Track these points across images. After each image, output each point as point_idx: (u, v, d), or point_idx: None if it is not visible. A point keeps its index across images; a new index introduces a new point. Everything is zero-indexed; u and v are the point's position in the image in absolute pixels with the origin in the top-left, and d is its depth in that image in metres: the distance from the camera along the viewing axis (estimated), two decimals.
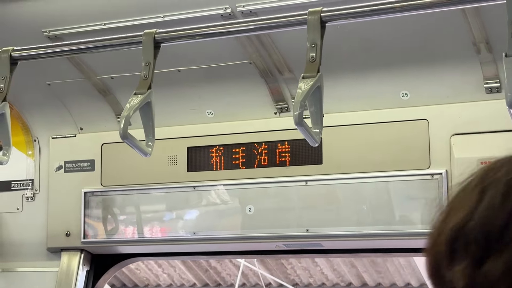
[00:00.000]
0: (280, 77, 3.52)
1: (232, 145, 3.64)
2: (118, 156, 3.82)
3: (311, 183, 3.49)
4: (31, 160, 4.01)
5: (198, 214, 3.67)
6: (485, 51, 3.19)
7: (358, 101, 3.48)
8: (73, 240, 3.85)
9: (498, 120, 3.21)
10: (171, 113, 3.74)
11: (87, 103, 3.84)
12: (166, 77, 3.59)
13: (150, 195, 3.75)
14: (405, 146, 3.37)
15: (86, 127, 3.91)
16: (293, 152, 3.54)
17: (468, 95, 3.32)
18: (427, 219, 3.29)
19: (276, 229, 3.53)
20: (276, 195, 3.55)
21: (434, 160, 3.32)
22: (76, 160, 3.90)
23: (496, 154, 3.43)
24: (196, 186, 3.67)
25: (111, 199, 3.81)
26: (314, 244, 3.54)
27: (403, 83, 3.40)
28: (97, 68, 3.69)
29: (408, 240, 3.38)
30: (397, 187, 3.36)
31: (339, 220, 3.43)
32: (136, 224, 3.76)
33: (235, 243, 3.64)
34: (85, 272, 3.90)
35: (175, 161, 3.72)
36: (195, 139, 3.71)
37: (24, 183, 4.01)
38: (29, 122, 3.99)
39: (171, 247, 3.77)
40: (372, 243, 3.45)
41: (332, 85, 3.45)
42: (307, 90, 2.45)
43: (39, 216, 3.96)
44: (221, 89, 3.64)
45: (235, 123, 3.67)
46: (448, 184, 3.27)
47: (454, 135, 3.30)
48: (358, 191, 3.41)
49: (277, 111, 3.61)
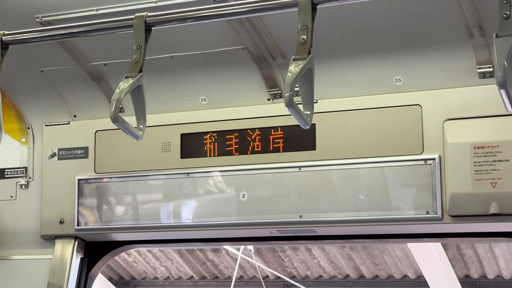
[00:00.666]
0: (273, 63, 3.52)
1: (226, 132, 3.63)
2: (112, 143, 3.82)
3: (305, 169, 3.49)
4: (24, 147, 4.01)
5: (192, 201, 3.66)
6: (478, 36, 3.18)
7: (351, 86, 3.48)
8: (67, 227, 3.85)
9: (491, 105, 3.21)
10: (164, 99, 3.74)
11: (81, 90, 3.84)
12: (160, 64, 3.59)
13: (144, 182, 3.74)
14: (398, 131, 3.37)
15: (80, 114, 3.91)
16: (286, 138, 3.54)
17: (461, 80, 3.31)
18: (420, 204, 3.29)
19: (269, 216, 3.53)
20: (270, 182, 3.54)
21: (427, 146, 3.32)
22: (69, 147, 3.90)
23: (489, 139, 3.46)
24: (190, 173, 3.67)
25: (105, 186, 3.81)
26: (308, 230, 3.54)
27: (396, 68, 3.39)
28: (90, 55, 3.68)
29: (401, 226, 3.38)
30: (390, 172, 3.36)
31: (332, 206, 3.43)
32: (130, 211, 3.75)
33: (228, 230, 3.64)
34: (79, 259, 3.90)
35: (168, 148, 3.72)
36: (189, 125, 3.70)
37: (17, 171, 4.01)
38: (23, 109, 3.98)
39: (165, 234, 3.77)
40: (365, 229, 3.45)
41: (325, 71, 3.45)
42: (298, 72, 2.45)
43: (33, 204, 3.96)
44: (215, 76, 3.64)
45: (229, 109, 3.67)
46: (441, 169, 3.27)
47: (447, 120, 3.30)
48: (351, 177, 3.41)
49: (270, 97, 3.61)
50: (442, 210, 3.26)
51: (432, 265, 8.87)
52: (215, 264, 10.59)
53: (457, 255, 9.24)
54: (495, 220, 3.20)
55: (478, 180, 3.19)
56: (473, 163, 3.21)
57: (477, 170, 3.20)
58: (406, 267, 9.66)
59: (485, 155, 3.20)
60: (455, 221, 3.25)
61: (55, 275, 3.84)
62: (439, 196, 3.26)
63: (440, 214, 3.26)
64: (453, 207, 3.23)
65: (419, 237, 3.51)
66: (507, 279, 9.48)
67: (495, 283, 9.54)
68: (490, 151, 3.20)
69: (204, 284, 10.92)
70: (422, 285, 9.62)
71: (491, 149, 3.20)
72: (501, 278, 9.52)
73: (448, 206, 3.24)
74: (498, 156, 3.18)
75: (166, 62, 3.60)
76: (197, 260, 10.57)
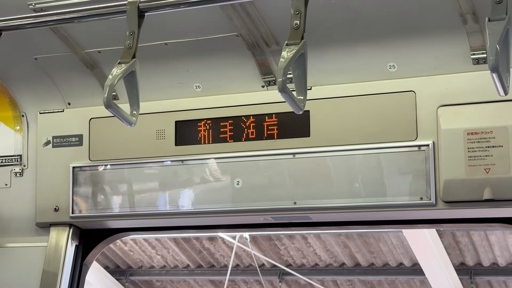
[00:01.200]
0: (267, 49, 3.52)
1: (220, 119, 3.64)
2: (106, 131, 3.82)
3: (299, 156, 3.50)
4: (19, 135, 4.00)
5: (186, 188, 3.66)
6: (471, 22, 3.18)
7: (345, 73, 3.48)
8: (62, 215, 3.85)
9: (485, 91, 3.21)
10: (158, 87, 3.74)
11: (75, 78, 3.83)
12: (153, 51, 3.59)
13: (138, 169, 3.75)
14: (392, 118, 3.37)
15: (74, 102, 3.91)
16: (280, 125, 3.54)
17: (455, 67, 3.32)
18: (414, 190, 3.30)
19: (264, 202, 3.54)
20: (264, 168, 3.55)
21: (421, 132, 3.32)
22: (64, 135, 3.89)
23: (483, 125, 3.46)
24: (184, 160, 3.67)
25: (99, 174, 3.81)
26: (302, 217, 3.55)
27: (390, 55, 3.40)
28: (84, 42, 3.67)
29: (395, 212, 3.39)
30: (384, 159, 3.36)
31: (326, 193, 3.44)
32: (125, 199, 3.76)
33: (223, 217, 3.64)
34: (74, 247, 3.90)
35: (163, 135, 3.72)
36: (183, 113, 3.70)
37: (12, 159, 4.01)
38: (17, 97, 3.98)
39: (159, 221, 3.77)
40: (359, 215, 3.46)
41: (319, 58, 3.45)
42: (291, 57, 2.46)
43: (28, 192, 3.96)
44: (209, 63, 3.63)
45: (223, 96, 3.67)
46: (435, 155, 3.28)
47: (441, 107, 3.30)
48: (345, 163, 3.42)
49: (264, 84, 3.61)
50: (436, 196, 3.27)
51: (427, 253, 8.90)
52: (211, 253, 10.61)
53: (452, 243, 9.27)
54: (489, 206, 3.21)
55: (471, 166, 3.20)
56: (467, 149, 3.21)
57: (470, 156, 3.21)
58: (402, 255, 9.69)
59: (478, 141, 3.21)
60: (449, 207, 3.26)
61: (50, 262, 3.85)
62: (432, 182, 3.26)
63: (434, 200, 3.27)
64: (446, 193, 3.24)
65: (413, 223, 3.52)
66: (502, 266, 9.51)
67: (491, 270, 9.57)
68: (484, 137, 3.20)
69: (200, 272, 10.94)
70: (417, 273, 9.65)
71: (484, 135, 3.20)
72: (496, 265, 9.55)
73: (441, 192, 3.25)
74: (492, 142, 3.19)
75: (160, 49, 3.59)
76: (193, 249, 10.59)
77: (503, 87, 2.35)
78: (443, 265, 9.05)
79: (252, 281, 10.92)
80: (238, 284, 11.07)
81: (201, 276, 10.99)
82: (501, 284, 9.80)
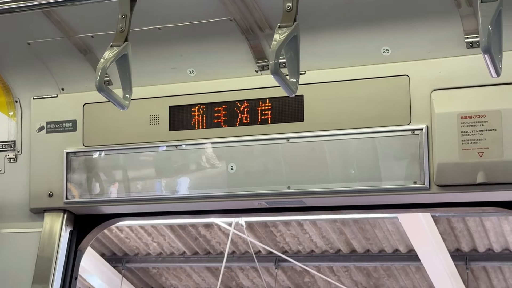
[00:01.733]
0: (261, 34, 3.51)
1: (214, 104, 3.63)
2: (100, 116, 3.81)
3: (293, 141, 3.49)
4: (12, 121, 3.99)
5: (181, 173, 3.66)
6: (465, 5, 3.18)
7: (338, 57, 3.47)
8: (56, 200, 3.85)
9: (479, 74, 3.21)
10: (152, 72, 3.73)
11: (68, 63, 3.82)
12: (147, 35, 3.58)
13: (132, 155, 3.74)
14: (386, 102, 3.37)
15: (68, 88, 3.90)
16: (274, 110, 3.54)
17: (449, 50, 3.31)
18: (408, 174, 3.30)
19: (258, 187, 3.54)
20: (258, 153, 3.55)
21: (415, 116, 3.32)
22: (57, 120, 3.89)
23: (476, 108, 3.46)
24: (178, 145, 3.67)
25: (93, 159, 3.81)
26: (296, 201, 3.55)
27: (384, 39, 3.39)
28: (77, 27, 3.66)
29: (389, 196, 3.39)
30: (378, 143, 3.36)
31: (320, 177, 3.44)
32: (119, 184, 3.76)
33: (217, 202, 3.64)
34: (68, 232, 3.90)
35: (156, 120, 3.72)
36: (177, 98, 3.70)
37: (6, 145, 4.00)
38: (10, 82, 3.97)
39: (154, 206, 3.77)
40: (353, 200, 3.47)
41: (313, 42, 3.44)
42: (283, 40, 2.45)
43: (22, 177, 3.95)
44: (202, 47, 3.62)
45: (217, 81, 3.66)
46: (428, 139, 3.28)
47: (435, 91, 3.30)
48: (339, 147, 3.42)
49: (258, 69, 3.60)
50: (429, 180, 3.27)
51: (423, 239, 8.91)
52: (207, 240, 10.62)
53: (448, 229, 9.29)
54: (482, 190, 3.21)
55: (465, 150, 3.20)
56: (460, 132, 3.22)
57: (464, 139, 3.21)
58: (398, 241, 9.70)
59: (472, 124, 3.21)
60: (443, 190, 3.26)
61: (44, 248, 3.85)
62: (426, 166, 3.26)
63: (428, 184, 3.27)
64: (440, 177, 3.24)
65: (407, 207, 3.52)
66: (497, 252, 9.53)
67: (486, 256, 9.59)
68: (477, 121, 3.20)
69: (196, 259, 10.95)
70: (413, 259, 9.66)
71: (478, 119, 3.20)
72: (491, 251, 9.57)
73: (435, 176, 3.25)
74: (485, 126, 3.19)
75: (153, 34, 3.58)
76: (189, 236, 10.60)
77: (495, 69, 2.34)
78: (438, 251, 9.06)
79: (248, 267, 10.94)
80: (234, 271, 11.09)
81: (197, 263, 11.00)
82: (496, 269, 9.83)
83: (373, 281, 10.58)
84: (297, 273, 10.85)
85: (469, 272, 9.64)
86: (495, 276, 9.91)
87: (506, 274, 9.87)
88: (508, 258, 9.50)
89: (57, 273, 3.82)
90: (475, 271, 9.88)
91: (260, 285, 11.14)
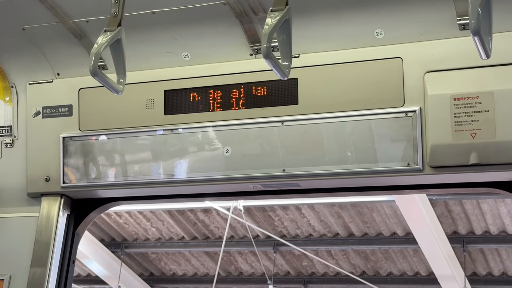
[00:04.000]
0: (254, 17, 3.52)
1: (209, 87, 3.65)
2: (95, 101, 3.83)
3: (287, 124, 3.52)
4: (9, 106, 4.01)
5: (176, 156, 3.69)
6: None
7: (332, 40, 3.49)
8: (53, 185, 3.87)
9: (471, 56, 3.22)
10: (147, 56, 3.74)
11: (63, 48, 3.83)
12: (141, 20, 3.58)
13: (128, 139, 3.76)
14: (380, 84, 3.39)
15: (63, 72, 3.91)
16: (269, 93, 3.56)
17: (442, 32, 3.33)
18: (401, 156, 3.33)
19: (253, 170, 3.56)
20: (253, 136, 3.57)
21: (408, 98, 3.34)
22: (53, 105, 3.91)
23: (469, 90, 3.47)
24: (174, 129, 3.69)
25: (89, 143, 3.83)
26: (291, 184, 3.58)
27: (377, 22, 3.40)
28: (71, 12, 3.67)
29: (382, 178, 3.42)
30: (372, 125, 3.38)
31: (315, 160, 3.46)
32: (115, 168, 3.78)
33: (213, 185, 3.67)
34: (65, 216, 3.93)
35: (152, 104, 3.73)
36: (172, 82, 3.71)
37: (2, 130, 4.02)
38: (5, 68, 3.98)
39: (150, 190, 3.80)
40: (347, 181, 3.49)
41: (306, 25, 3.45)
42: (275, 23, 2.47)
43: (19, 162, 3.98)
44: (197, 32, 3.64)
45: (211, 65, 3.68)
46: (422, 121, 3.30)
47: (428, 73, 3.32)
48: (333, 130, 3.44)
49: (252, 53, 3.61)
50: (423, 161, 3.29)
51: (420, 222, 8.94)
52: (206, 225, 10.66)
53: (445, 211, 9.32)
54: (475, 171, 3.24)
55: (458, 131, 3.23)
56: (453, 114, 3.24)
57: (457, 121, 3.23)
58: (395, 224, 9.74)
59: (465, 106, 3.23)
60: (436, 172, 3.29)
61: (42, 232, 3.88)
62: (420, 148, 3.29)
63: (421, 166, 3.29)
64: (433, 158, 3.26)
65: (401, 189, 3.55)
66: (494, 234, 9.57)
67: (483, 238, 9.63)
68: (470, 102, 3.23)
69: (195, 244, 10.99)
70: (410, 242, 9.70)
71: (470, 100, 3.23)
72: (488, 233, 9.61)
73: (428, 157, 3.27)
74: (478, 107, 3.21)
75: (147, 18, 3.59)
76: (187, 221, 10.64)
77: (485, 50, 2.36)
78: (435, 234, 9.10)
79: (246, 252, 10.99)
80: (233, 255, 11.14)
81: (196, 248, 11.04)
82: (493, 252, 9.88)
83: (371, 264, 10.63)
84: (295, 257, 10.90)
85: (466, 255, 9.68)
86: (492, 258, 9.95)
87: (503, 256, 9.92)
88: (505, 241, 9.54)
89: (55, 256, 3.85)
90: (472, 254, 9.92)
91: (259, 269, 11.20)
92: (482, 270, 10.22)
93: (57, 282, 3.84)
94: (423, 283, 10.49)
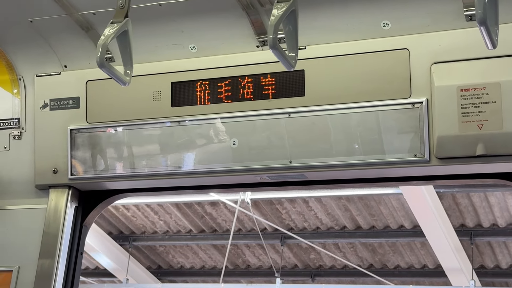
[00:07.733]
0: (261, 9, 3.52)
1: (216, 79, 3.66)
2: (103, 93, 3.84)
3: (294, 115, 3.52)
4: (17, 98, 4.03)
5: (183, 148, 3.70)
6: None
7: (339, 32, 3.49)
8: (61, 177, 3.89)
9: (478, 47, 3.22)
10: (154, 48, 3.75)
11: (70, 40, 3.85)
12: (148, 12, 3.59)
13: (135, 131, 3.77)
14: (386, 76, 3.39)
15: (70, 65, 3.92)
16: (276, 85, 3.56)
17: (449, 23, 3.32)
18: (408, 147, 3.33)
19: (260, 162, 3.57)
20: (260, 128, 3.57)
21: (415, 89, 3.34)
22: (61, 97, 3.92)
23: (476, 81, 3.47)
24: (181, 121, 3.70)
25: (97, 135, 3.84)
26: (298, 175, 3.58)
27: (384, 12, 3.40)
28: (78, 4, 3.68)
29: (389, 169, 3.42)
30: (378, 116, 3.38)
31: (321, 151, 3.46)
32: (123, 160, 3.79)
33: (219, 177, 3.68)
34: (73, 208, 3.95)
35: (159, 96, 3.74)
36: (179, 74, 3.72)
37: (10, 122, 4.04)
38: (13, 60, 3.99)
39: (157, 182, 3.81)
40: (354, 173, 3.49)
41: (313, 17, 3.45)
42: (281, 14, 2.47)
43: (27, 154, 3.99)
44: (204, 23, 3.64)
45: (218, 57, 3.68)
46: (428, 112, 3.30)
47: (435, 64, 3.32)
48: (340, 121, 3.44)
49: (259, 44, 3.62)
50: (429, 152, 3.29)
51: (427, 215, 8.95)
52: (213, 218, 10.68)
53: (452, 204, 9.32)
54: (482, 162, 3.24)
55: (464, 122, 3.22)
56: (460, 105, 3.24)
57: (464, 112, 3.23)
58: (402, 217, 9.74)
59: (471, 97, 3.23)
60: (443, 163, 3.29)
61: (50, 224, 3.90)
62: (426, 139, 3.29)
63: (428, 157, 3.29)
64: (440, 150, 3.27)
65: (408, 180, 3.55)
66: (502, 227, 9.57)
67: (491, 231, 9.63)
68: (477, 93, 3.22)
69: (202, 237, 11.02)
70: (418, 235, 9.71)
71: (477, 91, 3.22)
72: (496, 226, 9.61)
73: (435, 149, 3.27)
74: (485, 98, 3.21)
75: (154, 10, 3.60)
76: (195, 214, 10.66)
77: (492, 41, 2.36)
78: (443, 227, 9.10)
79: (254, 245, 11.01)
80: (240, 248, 11.16)
81: (204, 240, 11.07)
82: (501, 244, 9.87)
83: (379, 257, 10.64)
84: (302, 250, 10.91)
85: (473, 247, 9.68)
86: (500, 251, 9.95)
87: (511, 249, 9.91)
88: None
89: (63, 248, 3.87)
90: (480, 246, 9.92)
91: (266, 262, 11.22)
92: (490, 263, 10.22)
93: (65, 274, 3.87)
94: (431, 275, 10.50)
